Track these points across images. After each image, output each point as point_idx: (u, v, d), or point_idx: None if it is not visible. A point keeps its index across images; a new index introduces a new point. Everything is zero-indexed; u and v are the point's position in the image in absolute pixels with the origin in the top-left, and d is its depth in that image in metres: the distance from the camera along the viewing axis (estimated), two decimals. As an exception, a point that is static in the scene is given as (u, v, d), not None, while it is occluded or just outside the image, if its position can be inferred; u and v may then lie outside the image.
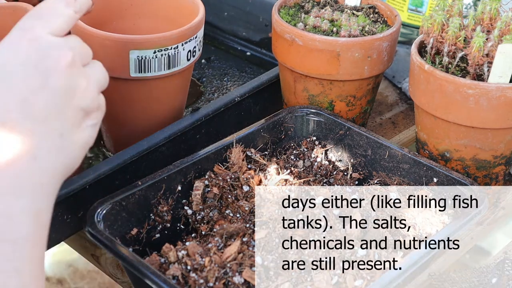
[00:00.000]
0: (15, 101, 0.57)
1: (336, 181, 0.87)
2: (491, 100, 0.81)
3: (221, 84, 1.19)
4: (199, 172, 0.83)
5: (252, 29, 1.30)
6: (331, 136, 0.91)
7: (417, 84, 0.87)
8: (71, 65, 0.60)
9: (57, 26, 0.61)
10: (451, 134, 0.86)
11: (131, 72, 0.87)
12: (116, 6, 0.97)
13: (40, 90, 0.58)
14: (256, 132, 0.88)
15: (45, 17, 0.61)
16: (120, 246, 0.70)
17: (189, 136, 0.93)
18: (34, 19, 0.61)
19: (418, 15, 1.24)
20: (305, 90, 0.96)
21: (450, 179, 0.80)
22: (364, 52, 0.91)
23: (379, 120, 1.10)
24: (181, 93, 0.96)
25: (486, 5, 0.86)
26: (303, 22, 0.95)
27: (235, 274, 0.69)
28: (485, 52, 0.82)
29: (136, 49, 0.85)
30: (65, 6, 0.63)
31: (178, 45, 0.87)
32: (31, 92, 0.58)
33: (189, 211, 0.81)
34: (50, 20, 0.61)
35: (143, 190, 0.78)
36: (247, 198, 0.82)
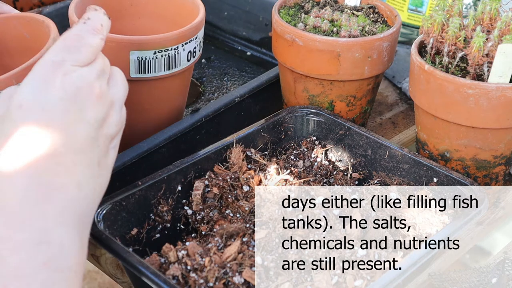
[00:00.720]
0: (59, 135, 0.58)
1: (336, 181, 0.87)
2: (491, 100, 0.81)
3: (221, 84, 1.19)
4: (199, 172, 0.83)
5: (252, 28, 1.30)
6: (331, 136, 0.91)
7: (417, 84, 0.87)
8: (101, 96, 0.62)
9: (85, 58, 0.62)
10: (451, 134, 0.86)
11: (131, 72, 0.87)
12: (116, 6, 0.97)
13: (78, 123, 0.60)
14: (256, 132, 0.88)
15: (73, 50, 0.62)
16: (120, 246, 0.70)
17: (189, 137, 0.93)
18: (64, 52, 0.61)
19: (418, 15, 1.24)
20: (305, 90, 0.96)
21: (450, 179, 0.80)
22: (365, 52, 0.91)
23: (379, 120, 1.10)
24: (181, 94, 0.96)
25: (486, 5, 0.86)
26: (303, 22, 0.95)
27: (235, 274, 0.69)
28: (485, 52, 0.81)
29: (136, 50, 0.85)
30: (93, 35, 0.64)
31: (178, 46, 0.87)
32: (70, 125, 0.59)
33: (189, 211, 0.81)
34: (78, 52, 0.62)
35: (143, 190, 0.78)
36: (247, 198, 0.82)
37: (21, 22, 0.85)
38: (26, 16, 0.85)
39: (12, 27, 0.85)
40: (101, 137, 0.63)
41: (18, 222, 0.55)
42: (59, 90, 0.60)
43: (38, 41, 0.85)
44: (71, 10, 0.89)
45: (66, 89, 0.60)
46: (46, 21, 0.83)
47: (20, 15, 0.86)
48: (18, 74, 0.74)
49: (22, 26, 0.85)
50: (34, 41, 0.85)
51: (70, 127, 0.59)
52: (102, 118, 0.62)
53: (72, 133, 0.59)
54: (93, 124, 0.61)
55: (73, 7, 0.90)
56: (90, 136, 0.61)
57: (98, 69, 0.63)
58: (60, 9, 1.13)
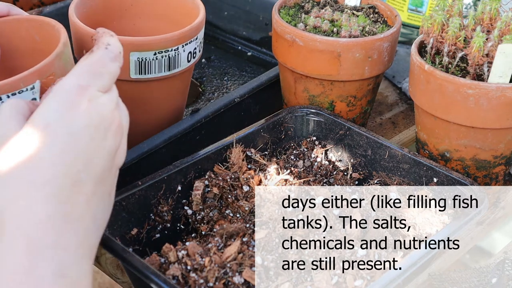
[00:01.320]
0: (82, 162, 0.58)
1: (336, 181, 0.87)
2: (491, 100, 0.81)
3: (221, 84, 1.19)
4: (199, 172, 0.83)
5: (252, 28, 1.30)
6: (331, 136, 0.91)
7: (417, 84, 0.87)
8: (118, 125, 0.62)
9: (106, 84, 0.62)
10: (451, 134, 0.86)
11: (132, 73, 0.86)
12: (116, 6, 0.97)
13: (99, 151, 0.59)
14: (256, 132, 0.88)
15: (98, 75, 0.61)
16: (120, 246, 0.70)
17: (189, 138, 0.93)
18: (90, 77, 0.61)
19: (418, 15, 1.24)
20: (305, 90, 0.96)
21: (450, 179, 0.80)
22: (365, 52, 0.91)
23: (379, 120, 1.10)
24: (181, 94, 0.96)
25: (486, 5, 0.86)
26: (303, 22, 0.95)
27: (235, 274, 0.69)
28: (485, 52, 0.81)
29: (137, 51, 0.85)
30: (113, 61, 0.63)
31: (178, 47, 0.87)
32: (92, 153, 0.59)
33: (189, 211, 0.81)
34: (102, 78, 0.62)
35: (143, 190, 0.78)
36: (247, 198, 0.82)
37: (32, 25, 0.86)
38: (37, 19, 0.86)
39: (22, 29, 0.86)
40: (114, 167, 0.62)
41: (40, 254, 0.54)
42: (85, 117, 0.59)
43: (47, 44, 0.85)
44: (71, 10, 0.89)
45: (92, 116, 0.59)
46: (57, 25, 0.83)
47: (31, 18, 0.86)
48: (26, 78, 0.74)
49: (33, 28, 0.86)
50: (44, 44, 0.86)
51: (93, 156, 0.59)
52: (116, 148, 0.62)
53: (94, 162, 0.59)
54: (111, 153, 0.61)
55: (73, 7, 0.90)
56: (108, 166, 0.60)
57: (115, 97, 0.63)
58: (61, 9, 1.13)
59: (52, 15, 1.11)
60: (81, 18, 0.89)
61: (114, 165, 0.62)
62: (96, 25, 0.90)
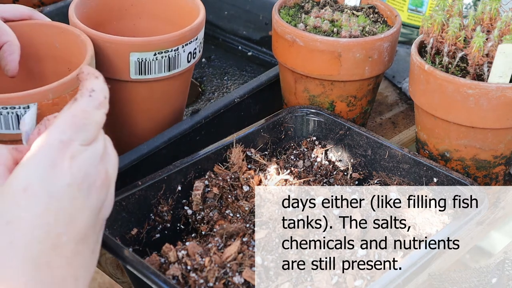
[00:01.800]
0: (63, 224, 0.56)
1: (336, 181, 0.87)
2: (491, 100, 0.81)
3: (221, 83, 1.19)
4: (199, 172, 0.83)
5: (252, 27, 1.30)
6: (331, 136, 0.91)
7: (417, 84, 0.87)
8: (104, 180, 0.59)
9: (90, 136, 0.59)
10: (451, 134, 0.86)
11: (131, 74, 0.86)
12: (116, 6, 0.97)
13: (82, 211, 0.57)
14: (256, 132, 0.88)
15: (80, 128, 0.58)
16: (120, 246, 0.70)
17: (189, 138, 0.93)
18: (72, 131, 0.58)
19: (418, 15, 1.24)
20: (305, 90, 0.96)
21: (450, 179, 0.80)
22: (365, 52, 0.91)
23: (379, 120, 1.10)
24: (181, 95, 0.96)
25: (486, 5, 0.86)
26: (303, 22, 0.95)
27: (235, 274, 0.69)
28: (485, 52, 0.81)
29: (137, 51, 0.85)
30: (97, 109, 0.60)
31: (178, 47, 0.87)
32: (75, 213, 0.57)
33: (189, 211, 0.81)
34: (85, 130, 0.58)
35: (143, 190, 0.78)
36: (247, 198, 0.82)
37: (54, 31, 0.87)
38: (59, 26, 0.87)
39: (43, 34, 0.86)
40: (98, 223, 0.60)
41: None
42: (66, 176, 0.56)
43: (67, 51, 0.86)
44: (71, 10, 0.89)
45: (74, 175, 0.57)
46: (82, 36, 0.84)
47: (53, 24, 0.87)
48: (55, 89, 0.75)
49: (54, 35, 0.86)
50: (63, 51, 0.87)
51: (75, 216, 0.57)
52: (101, 203, 0.60)
53: (76, 222, 0.57)
54: (94, 210, 0.58)
55: (73, 7, 0.90)
56: (91, 224, 0.58)
57: (101, 149, 0.60)
58: (61, 8, 1.13)
59: (52, 15, 1.11)
60: (81, 18, 0.89)
61: (98, 221, 0.60)
62: (96, 25, 0.90)
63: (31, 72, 0.89)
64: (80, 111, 0.59)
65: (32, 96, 0.74)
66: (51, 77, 0.87)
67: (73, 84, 0.77)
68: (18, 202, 0.55)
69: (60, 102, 0.76)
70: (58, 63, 0.88)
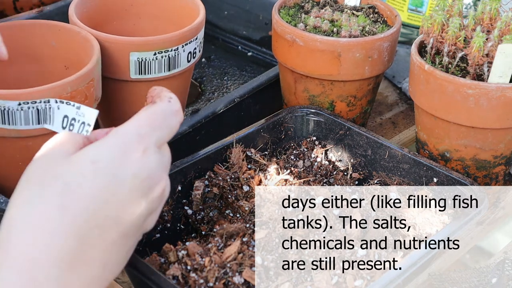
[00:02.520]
0: (115, 209, 0.56)
1: (336, 181, 0.87)
2: (491, 100, 0.81)
3: (221, 83, 1.19)
4: (199, 172, 0.83)
5: (252, 27, 1.30)
6: (331, 136, 0.91)
7: (417, 84, 0.87)
8: (163, 192, 0.60)
9: (164, 138, 0.60)
10: (451, 134, 0.86)
11: (131, 73, 0.87)
12: (116, 6, 0.97)
13: (135, 206, 0.57)
14: (256, 132, 0.88)
15: (158, 128, 0.60)
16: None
17: (189, 138, 0.93)
18: (150, 128, 0.59)
19: (418, 15, 1.24)
20: (305, 90, 0.96)
21: (450, 179, 0.80)
22: (365, 52, 0.91)
23: (379, 120, 1.10)
24: (181, 94, 0.96)
25: (486, 5, 0.86)
26: (303, 22, 0.95)
27: (235, 274, 0.69)
28: (485, 52, 0.82)
29: (136, 51, 0.85)
30: (174, 116, 0.61)
31: (178, 47, 0.87)
32: (129, 205, 0.57)
33: (189, 211, 0.81)
34: (162, 132, 0.60)
35: (143, 190, 0.78)
36: (247, 198, 0.82)
37: (49, 30, 0.87)
38: (55, 24, 0.87)
39: (37, 33, 0.87)
40: (141, 230, 0.60)
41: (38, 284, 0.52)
42: (135, 166, 0.57)
43: (64, 49, 0.86)
44: (71, 10, 0.89)
45: (141, 169, 0.57)
46: (83, 33, 0.84)
47: (48, 23, 0.88)
48: (73, 83, 0.76)
49: (50, 33, 0.87)
50: (60, 49, 0.87)
51: (127, 207, 0.57)
52: (152, 212, 0.60)
53: (125, 214, 0.57)
54: (145, 214, 0.59)
55: (73, 7, 0.90)
56: (137, 225, 0.58)
57: (167, 159, 0.61)
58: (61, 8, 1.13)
59: (52, 14, 1.11)
60: (81, 18, 0.89)
61: (142, 227, 0.60)
62: (96, 24, 0.90)
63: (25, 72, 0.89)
64: (160, 112, 0.61)
65: (52, 90, 0.74)
66: (48, 76, 0.87)
67: (87, 77, 0.78)
68: (82, 170, 0.56)
69: (76, 95, 0.77)
70: (55, 61, 0.88)
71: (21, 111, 0.74)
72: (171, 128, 0.61)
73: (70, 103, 0.65)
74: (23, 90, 0.73)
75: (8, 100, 0.73)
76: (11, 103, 0.73)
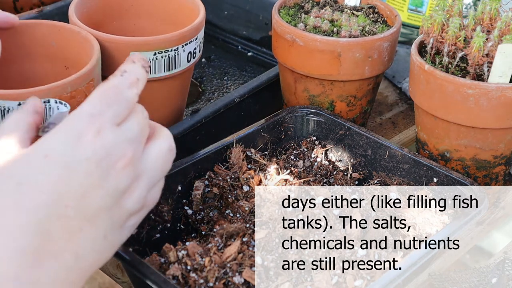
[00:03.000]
0: (73, 197, 0.55)
1: (336, 181, 0.87)
2: (491, 100, 0.81)
3: (221, 83, 1.19)
4: (199, 172, 0.83)
5: (252, 27, 1.30)
6: (331, 136, 0.91)
7: (417, 84, 0.87)
8: (127, 164, 0.58)
9: (119, 114, 0.58)
10: (451, 134, 0.86)
11: (131, 73, 0.86)
12: (116, 6, 0.97)
13: (96, 189, 0.56)
14: (256, 132, 0.88)
15: (110, 103, 0.58)
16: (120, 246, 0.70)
17: (188, 138, 0.93)
18: (103, 105, 0.58)
19: (418, 15, 1.24)
20: (305, 90, 0.96)
21: (450, 179, 0.80)
22: (365, 52, 0.91)
23: (379, 120, 1.10)
24: (181, 95, 0.96)
25: (486, 5, 0.86)
26: (303, 22, 0.95)
27: (235, 274, 0.69)
28: (485, 52, 0.82)
29: (136, 51, 0.85)
30: (128, 88, 0.60)
31: (178, 47, 0.87)
32: (88, 190, 0.56)
33: (189, 211, 0.81)
34: (115, 107, 0.58)
35: (143, 190, 0.78)
36: (247, 198, 0.82)
37: (49, 30, 0.87)
38: (55, 24, 0.87)
39: (37, 34, 0.87)
40: (116, 210, 0.58)
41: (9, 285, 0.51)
42: (87, 149, 0.56)
43: (64, 48, 0.86)
44: (71, 10, 0.89)
45: (95, 150, 0.56)
46: (82, 32, 0.84)
47: (47, 23, 0.87)
48: (73, 83, 0.76)
49: (49, 33, 0.87)
50: (59, 49, 0.87)
51: (88, 192, 0.56)
52: (123, 189, 0.58)
53: (87, 199, 0.56)
54: (112, 194, 0.57)
55: (73, 7, 0.90)
56: (105, 207, 0.57)
57: (133, 132, 0.59)
58: (61, 8, 1.13)
59: (52, 14, 1.11)
60: (81, 18, 0.89)
61: (118, 207, 0.58)
62: (97, 24, 0.90)
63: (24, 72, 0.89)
64: (111, 87, 0.59)
65: (52, 90, 0.74)
66: (47, 76, 0.87)
67: (87, 77, 0.77)
68: (34, 166, 0.55)
69: (76, 95, 0.77)
70: (54, 61, 0.88)
71: None
72: (128, 101, 0.59)
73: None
74: (23, 90, 0.73)
75: (8, 100, 0.73)
76: (11, 103, 0.73)
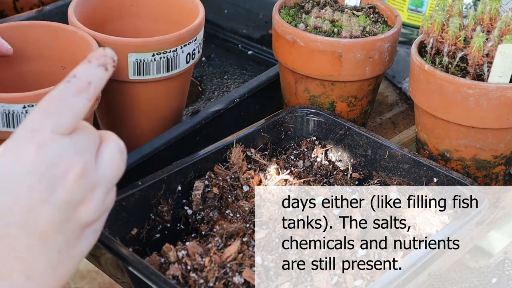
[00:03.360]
0: (17, 215, 0.52)
1: (336, 181, 0.87)
2: (491, 100, 0.81)
3: (221, 82, 1.19)
4: (199, 172, 0.83)
5: (252, 26, 1.30)
6: (331, 136, 0.91)
7: (417, 84, 0.87)
8: (79, 177, 0.54)
9: (66, 123, 0.54)
10: (451, 134, 0.86)
11: (130, 74, 0.86)
12: (117, 6, 0.97)
13: (43, 204, 0.53)
14: (256, 132, 0.88)
15: (54, 113, 0.54)
16: (120, 246, 0.70)
17: (189, 139, 0.92)
18: (43, 117, 0.54)
19: (418, 15, 1.24)
20: (306, 91, 0.96)
21: (450, 179, 0.80)
22: (366, 53, 0.91)
23: (379, 120, 1.10)
24: (180, 95, 0.96)
25: (486, 5, 0.86)
26: (304, 22, 0.95)
27: (235, 274, 0.69)
28: (485, 52, 0.82)
29: (135, 52, 0.85)
30: (76, 96, 0.54)
31: (177, 48, 0.87)
32: (33, 206, 0.53)
33: (189, 211, 0.81)
34: (60, 117, 0.54)
35: (143, 190, 0.78)
36: (247, 198, 0.82)
37: (45, 31, 0.87)
38: (51, 25, 0.87)
39: (33, 34, 0.87)
40: (70, 223, 0.55)
41: None
42: (27, 164, 0.52)
43: (60, 49, 0.86)
44: (70, 10, 0.89)
45: (36, 164, 0.53)
46: (79, 32, 0.84)
47: (43, 24, 0.87)
48: None
49: (46, 34, 0.87)
50: (56, 49, 0.87)
51: (32, 208, 0.52)
52: (76, 201, 0.54)
53: (33, 215, 0.52)
54: (61, 207, 0.53)
55: (72, 7, 0.90)
56: (55, 221, 0.53)
57: (82, 142, 0.55)
58: (61, 8, 1.13)
59: (52, 14, 1.11)
60: (80, 18, 0.89)
61: (71, 220, 0.55)
62: (96, 24, 0.90)
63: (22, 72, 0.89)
64: (55, 95, 0.54)
65: None
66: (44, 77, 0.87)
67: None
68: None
69: None
70: (51, 62, 0.88)
71: (26, 114, 0.74)
72: (73, 109, 0.54)
73: None
74: (28, 93, 0.73)
75: (13, 103, 0.73)
76: (16, 106, 0.73)
